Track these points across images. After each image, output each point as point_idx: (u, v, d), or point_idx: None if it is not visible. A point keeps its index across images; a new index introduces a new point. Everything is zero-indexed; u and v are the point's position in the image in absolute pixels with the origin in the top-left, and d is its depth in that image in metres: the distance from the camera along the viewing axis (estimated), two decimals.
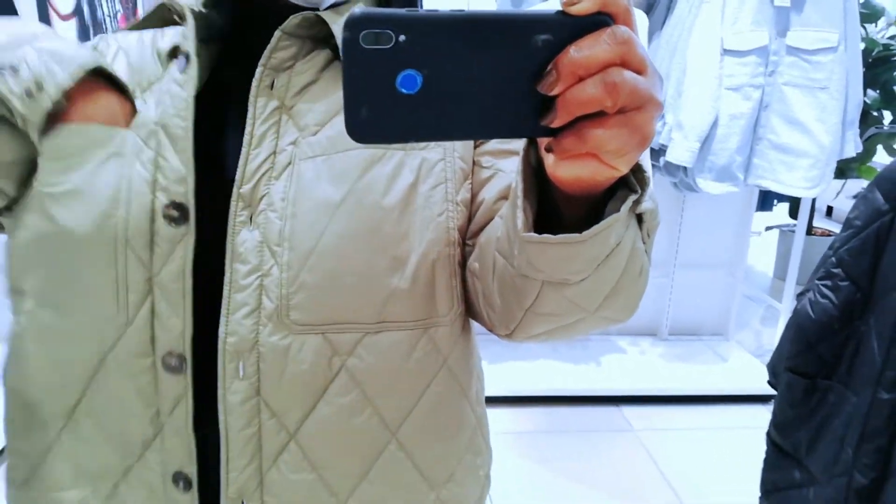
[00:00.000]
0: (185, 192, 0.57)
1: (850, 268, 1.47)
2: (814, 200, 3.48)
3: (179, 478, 0.61)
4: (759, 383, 2.64)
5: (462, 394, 0.68)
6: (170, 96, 0.60)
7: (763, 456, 1.74)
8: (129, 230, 0.56)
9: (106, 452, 0.61)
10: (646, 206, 0.45)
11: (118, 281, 0.57)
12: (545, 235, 0.44)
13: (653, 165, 2.60)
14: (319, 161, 0.60)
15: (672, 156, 2.46)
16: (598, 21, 0.34)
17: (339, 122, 0.60)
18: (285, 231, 0.58)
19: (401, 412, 0.63)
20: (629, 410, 2.62)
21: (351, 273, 0.59)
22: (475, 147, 0.66)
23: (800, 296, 1.60)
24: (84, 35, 2.99)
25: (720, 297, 3.13)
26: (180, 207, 0.57)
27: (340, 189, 0.59)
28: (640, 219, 0.49)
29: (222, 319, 0.58)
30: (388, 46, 0.32)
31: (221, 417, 0.59)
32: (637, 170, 0.43)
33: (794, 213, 4.01)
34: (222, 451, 0.60)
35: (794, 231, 2.92)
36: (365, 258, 0.59)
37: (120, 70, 0.63)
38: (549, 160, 0.39)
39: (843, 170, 3.22)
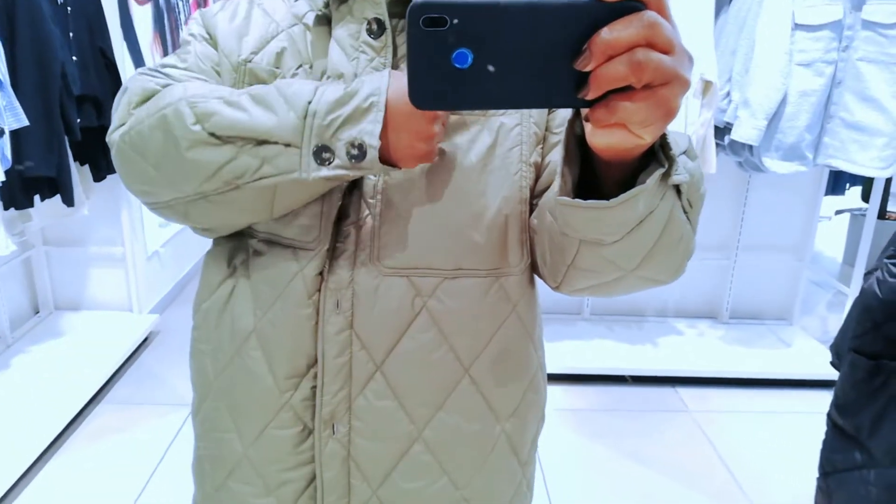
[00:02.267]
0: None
1: None
2: (888, 183, 3.34)
3: None
4: (824, 369, 2.58)
5: (528, 338, 0.75)
6: (367, 56, 0.67)
7: (823, 438, 1.71)
8: None
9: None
10: (679, 178, 0.50)
11: None
12: (576, 200, 0.50)
13: (717, 144, 2.55)
14: None
15: (738, 134, 2.40)
16: (630, 6, 0.38)
17: None
18: (378, 186, 0.67)
19: (473, 351, 0.70)
20: (685, 391, 2.59)
21: (434, 225, 0.67)
22: (548, 113, 0.71)
23: (867, 275, 1.56)
24: (159, 20, 3.12)
25: (785, 281, 3.05)
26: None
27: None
28: (678, 190, 0.54)
29: (326, 263, 0.67)
30: (444, 28, 0.38)
31: (319, 346, 0.68)
32: (665, 145, 0.48)
33: (866, 197, 3.85)
34: (319, 377, 0.69)
35: (865, 215, 2.82)
36: (447, 212, 0.67)
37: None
38: (587, 129, 0.44)
39: None
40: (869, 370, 1.53)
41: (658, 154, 0.49)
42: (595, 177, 0.52)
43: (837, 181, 4.19)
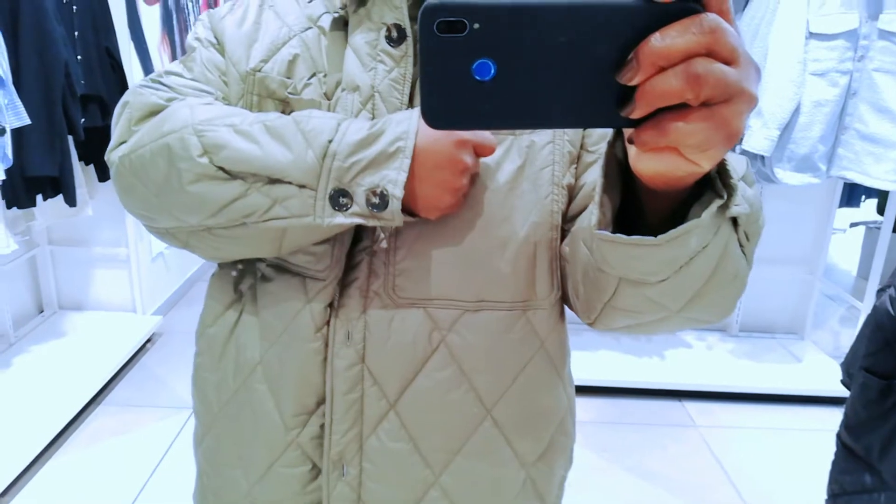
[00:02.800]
0: None
1: None
2: None
3: None
4: (835, 385, 2.52)
5: (557, 376, 0.69)
6: (385, 67, 0.62)
7: (832, 458, 1.67)
8: None
9: None
10: (738, 209, 0.42)
11: None
12: (617, 235, 0.43)
13: None
14: None
15: (749, 144, 2.36)
16: (686, 8, 0.32)
17: None
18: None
19: (497, 391, 0.65)
20: (692, 406, 2.54)
21: (455, 253, 0.61)
22: (584, 130, 0.65)
23: (880, 292, 1.51)
24: (168, 20, 3.11)
25: (797, 295, 2.99)
26: None
27: None
28: (735, 222, 0.47)
29: (337, 293, 0.62)
30: (462, 34, 0.32)
31: (328, 381, 0.63)
32: (723, 172, 0.41)
33: (882, 210, 3.78)
34: (326, 414, 0.64)
35: (879, 228, 2.76)
36: (469, 239, 0.61)
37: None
38: (631, 152, 0.38)
39: None
40: (881, 390, 1.48)
41: (715, 183, 0.41)
42: (638, 206, 0.45)
43: (853, 193, 4.13)
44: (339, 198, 0.55)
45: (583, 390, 2.58)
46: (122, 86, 2.49)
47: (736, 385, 2.59)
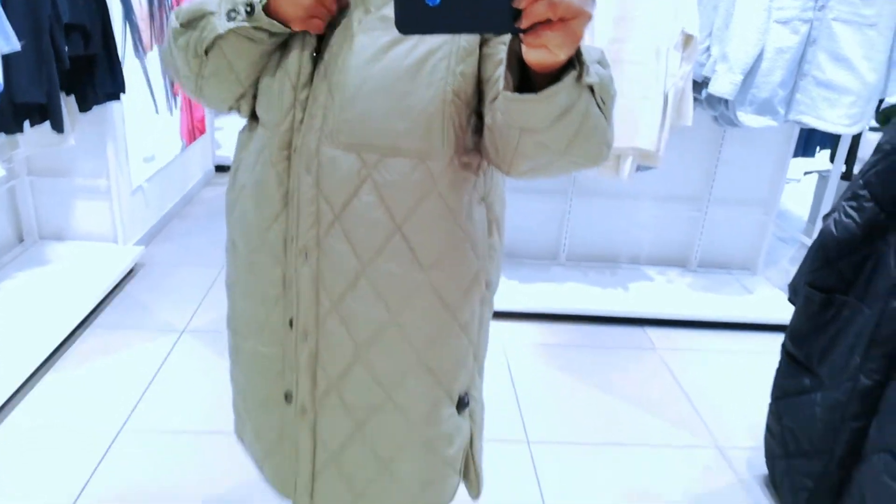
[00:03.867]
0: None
1: (875, 189, 1.54)
2: (855, 146, 3.47)
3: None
4: (782, 314, 2.73)
5: (449, 212, 0.93)
6: None
7: (776, 368, 1.85)
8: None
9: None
10: (590, 79, 0.69)
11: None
12: (514, 94, 0.70)
13: (694, 99, 2.64)
14: (369, 34, 0.86)
15: (715, 87, 2.49)
16: None
17: (389, 8, 0.87)
18: (342, 81, 0.87)
19: (403, 214, 0.91)
20: (653, 332, 2.74)
21: (377, 113, 0.86)
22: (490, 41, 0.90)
23: (826, 217, 1.68)
24: None
25: (752, 234, 3.19)
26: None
27: (378, 54, 0.85)
28: (592, 91, 0.72)
29: (301, 137, 0.91)
30: None
31: (295, 198, 0.93)
32: (578, 58, 0.68)
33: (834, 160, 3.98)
34: (294, 218, 0.94)
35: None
36: (387, 103, 0.86)
37: None
38: (523, 48, 0.64)
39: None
40: (822, 303, 1.66)
41: (574, 63, 0.68)
42: (532, 85, 0.71)
43: (808, 144, 4.33)
44: (230, 13, 0.86)
45: (552, 318, 2.75)
46: (104, 15, 2.49)
47: (693, 314, 2.79)
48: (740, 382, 2.44)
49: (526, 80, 0.71)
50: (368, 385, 0.98)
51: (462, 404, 1.07)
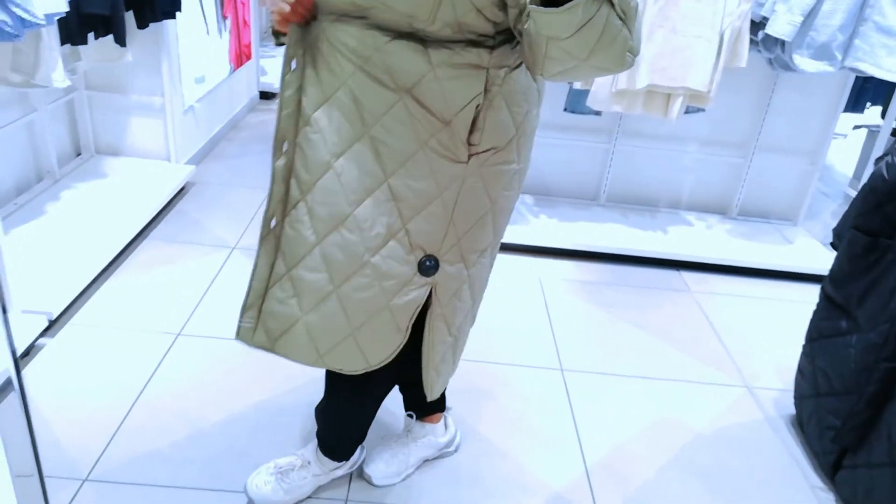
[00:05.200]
0: None
1: None
2: None
3: None
4: (821, 264, 2.75)
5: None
6: None
7: (813, 309, 1.89)
8: None
9: None
10: None
11: None
12: (539, 7, 0.84)
13: (751, 40, 2.59)
14: None
15: (772, 28, 2.45)
16: None
17: None
18: None
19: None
20: (689, 275, 2.77)
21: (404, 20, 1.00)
22: None
23: (878, 160, 1.68)
24: None
25: (795, 185, 3.17)
26: None
27: None
28: (612, 3, 0.83)
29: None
30: None
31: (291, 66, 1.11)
32: None
33: (885, 116, 3.89)
34: (278, 117, 1.13)
35: (880, 131, 2.89)
36: (427, 13, 0.97)
37: None
38: None
39: None
40: (865, 246, 1.68)
41: None
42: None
43: (858, 99, 4.21)
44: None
45: (589, 256, 2.80)
46: None
47: (730, 259, 2.81)
48: (773, 328, 2.48)
49: None
50: (335, 199, 1.12)
51: (424, 267, 1.16)
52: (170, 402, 1.79)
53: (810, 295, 2.68)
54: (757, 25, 2.59)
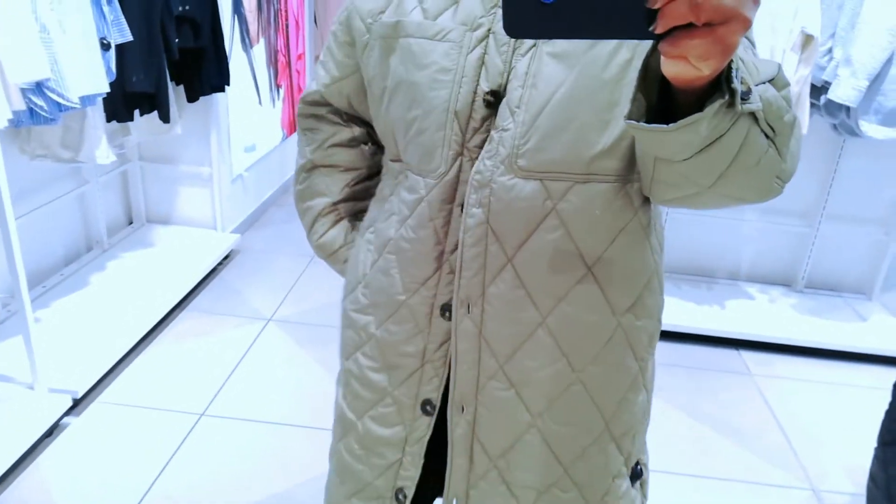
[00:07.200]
0: (501, 84, 0.75)
1: None
2: None
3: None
4: None
5: (646, 241, 0.82)
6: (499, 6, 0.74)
7: (886, 408, 1.68)
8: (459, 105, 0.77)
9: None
10: (748, 107, 0.54)
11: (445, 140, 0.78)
12: (640, 124, 0.55)
13: (812, 104, 2.44)
14: (554, 42, 0.74)
15: (836, 94, 2.29)
16: None
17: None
18: (524, 97, 0.74)
19: (596, 251, 0.78)
20: (749, 355, 2.57)
21: (568, 131, 0.73)
22: None
23: None
24: None
25: (868, 255, 2.93)
26: (495, 94, 0.75)
27: (570, 64, 0.73)
28: (755, 117, 0.58)
29: (476, 164, 0.77)
30: None
31: (460, 236, 0.79)
32: (728, 77, 0.52)
33: None
34: (457, 266, 0.80)
35: None
36: (581, 120, 0.73)
37: None
38: (661, 59, 0.49)
39: None
40: None
41: (722, 85, 0.52)
42: (675, 104, 0.57)
43: None
44: None
45: None
46: (214, 8, 2.59)
47: (796, 338, 2.59)
48: (845, 418, 2.24)
49: (669, 94, 0.56)
50: (541, 461, 0.85)
51: (636, 475, 0.93)
52: (185, 491, 1.73)
53: (886, 380, 2.43)
54: (819, 89, 2.43)
